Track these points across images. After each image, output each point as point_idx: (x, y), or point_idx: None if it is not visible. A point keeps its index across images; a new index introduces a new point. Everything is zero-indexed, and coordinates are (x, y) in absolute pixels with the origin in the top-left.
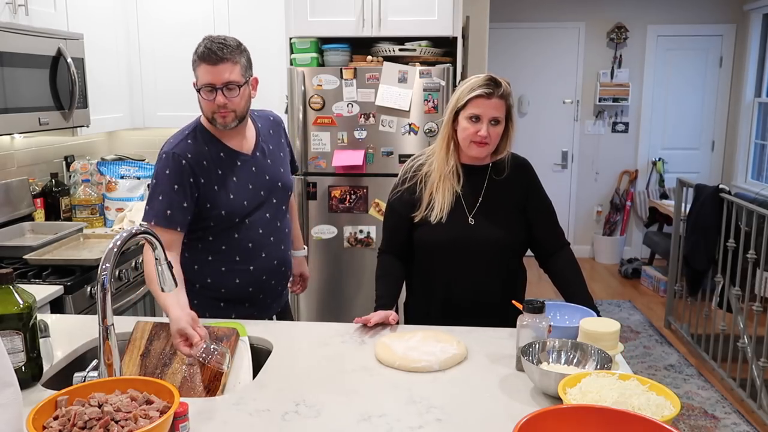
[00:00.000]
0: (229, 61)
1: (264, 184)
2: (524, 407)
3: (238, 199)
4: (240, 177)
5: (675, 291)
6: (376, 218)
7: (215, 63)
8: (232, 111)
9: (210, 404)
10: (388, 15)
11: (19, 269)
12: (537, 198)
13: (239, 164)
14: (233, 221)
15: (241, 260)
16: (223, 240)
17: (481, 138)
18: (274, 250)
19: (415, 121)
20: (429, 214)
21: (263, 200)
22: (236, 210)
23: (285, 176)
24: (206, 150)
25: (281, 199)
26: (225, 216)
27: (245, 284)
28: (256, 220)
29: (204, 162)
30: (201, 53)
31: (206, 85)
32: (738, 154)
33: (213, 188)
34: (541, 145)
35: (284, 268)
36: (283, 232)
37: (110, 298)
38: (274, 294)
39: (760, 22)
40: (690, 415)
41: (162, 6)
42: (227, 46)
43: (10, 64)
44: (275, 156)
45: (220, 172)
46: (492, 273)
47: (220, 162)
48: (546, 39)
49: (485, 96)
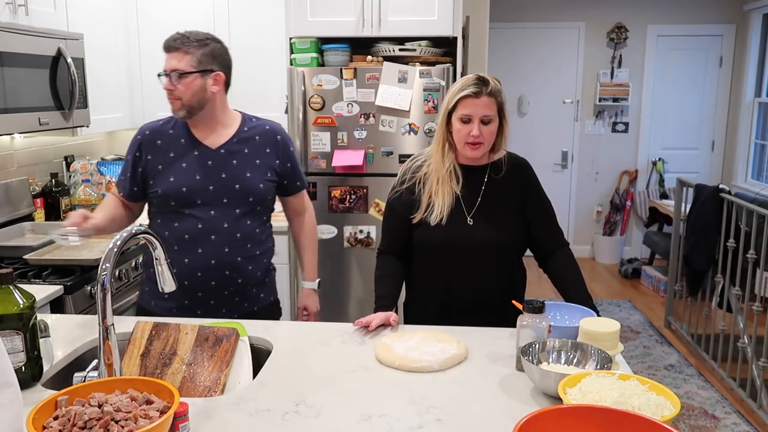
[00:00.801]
0: (181, 51)
1: (217, 180)
2: (524, 407)
3: (176, 183)
4: (190, 164)
5: (675, 291)
6: (376, 218)
7: (168, 51)
8: (178, 98)
9: (210, 404)
10: (388, 15)
11: (19, 269)
12: (536, 198)
13: (196, 153)
14: (169, 204)
15: (179, 250)
16: (166, 225)
17: (473, 138)
18: (213, 250)
19: (415, 121)
20: (428, 216)
21: (209, 196)
22: (172, 193)
23: (248, 181)
24: (169, 132)
25: (236, 203)
26: (161, 196)
27: (180, 276)
28: (197, 214)
29: (158, 141)
30: (164, 43)
31: (163, 71)
32: (738, 154)
33: (157, 167)
34: (541, 145)
35: (229, 272)
36: (231, 236)
37: (110, 298)
38: (218, 296)
39: (760, 22)
40: (690, 415)
41: (162, 6)
42: (186, 37)
43: (10, 64)
44: (246, 159)
45: (172, 154)
46: (491, 273)
47: (176, 145)
48: (546, 39)
49: (473, 95)
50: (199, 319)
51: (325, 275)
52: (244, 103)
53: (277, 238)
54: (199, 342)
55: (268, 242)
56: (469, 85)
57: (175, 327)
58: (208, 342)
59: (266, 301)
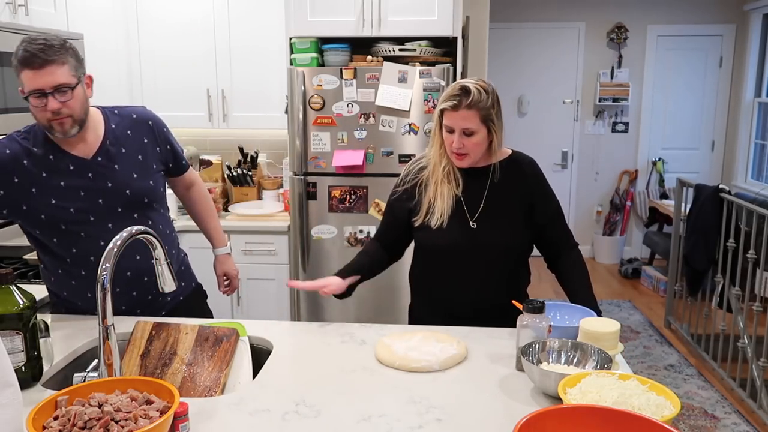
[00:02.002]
0: (55, 63)
1: (104, 191)
2: (524, 407)
3: (61, 205)
4: (69, 182)
5: (675, 291)
6: (376, 218)
7: (40, 66)
8: (69, 116)
9: (210, 404)
10: (388, 15)
11: (19, 269)
12: (544, 199)
13: (72, 168)
14: (60, 228)
15: (87, 274)
16: (64, 252)
17: (455, 149)
18: (125, 263)
19: (415, 121)
20: (429, 219)
21: (102, 209)
22: (60, 216)
23: (137, 183)
24: (33, 150)
25: (132, 208)
26: (46, 221)
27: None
28: (95, 232)
29: (24, 161)
30: (22, 57)
31: (34, 91)
32: (738, 154)
33: (30, 190)
34: (541, 145)
35: (147, 278)
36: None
37: (110, 298)
38: (143, 304)
39: (760, 22)
40: (690, 415)
41: (162, 6)
42: (50, 46)
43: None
44: (128, 160)
45: (44, 174)
46: (495, 277)
47: (47, 164)
48: (546, 39)
49: (451, 108)
50: (199, 319)
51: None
52: (244, 103)
53: (277, 238)
54: (199, 342)
55: (172, 232)
56: (449, 97)
57: (175, 327)
58: (208, 342)
59: (189, 288)
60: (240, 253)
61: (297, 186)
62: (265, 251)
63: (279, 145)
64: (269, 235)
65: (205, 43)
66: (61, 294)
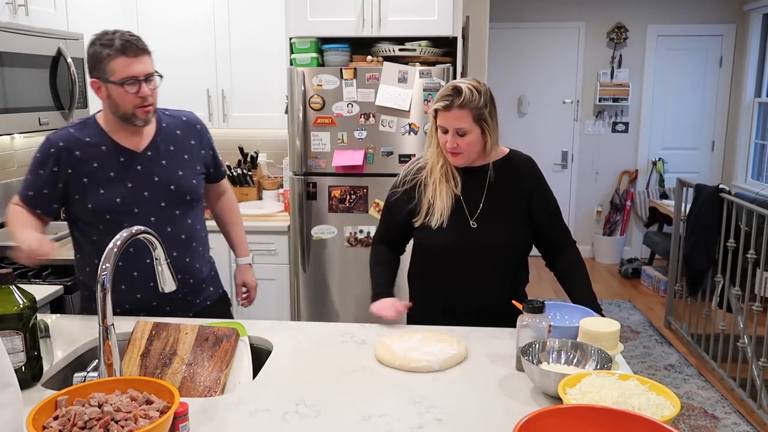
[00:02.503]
0: (147, 53)
1: (150, 185)
2: (524, 407)
3: (109, 195)
4: (119, 173)
5: (675, 291)
6: (376, 218)
7: (135, 55)
8: (151, 104)
9: (210, 404)
10: (388, 15)
11: (19, 269)
12: (541, 197)
13: (122, 160)
14: (104, 219)
15: (124, 265)
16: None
17: (449, 149)
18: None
19: (415, 121)
20: (429, 219)
21: (146, 202)
22: (106, 206)
23: (182, 180)
24: (86, 141)
25: (174, 204)
26: (94, 211)
27: (132, 291)
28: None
29: (77, 152)
30: (120, 46)
31: (129, 77)
32: (738, 154)
33: (81, 180)
34: (541, 145)
35: (181, 276)
36: (176, 239)
37: (110, 298)
38: (172, 302)
39: (760, 22)
40: (690, 415)
41: (162, 6)
42: (138, 38)
43: (10, 64)
44: (174, 158)
45: (95, 164)
46: (496, 276)
47: (99, 155)
48: (546, 39)
49: (443, 109)
50: (199, 319)
51: (326, 275)
52: (244, 103)
53: (277, 238)
54: (199, 342)
55: (207, 235)
56: (442, 98)
57: (175, 327)
58: (208, 342)
59: (216, 294)
60: None
61: (297, 186)
62: (265, 251)
63: (279, 145)
64: (269, 235)
65: (205, 43)
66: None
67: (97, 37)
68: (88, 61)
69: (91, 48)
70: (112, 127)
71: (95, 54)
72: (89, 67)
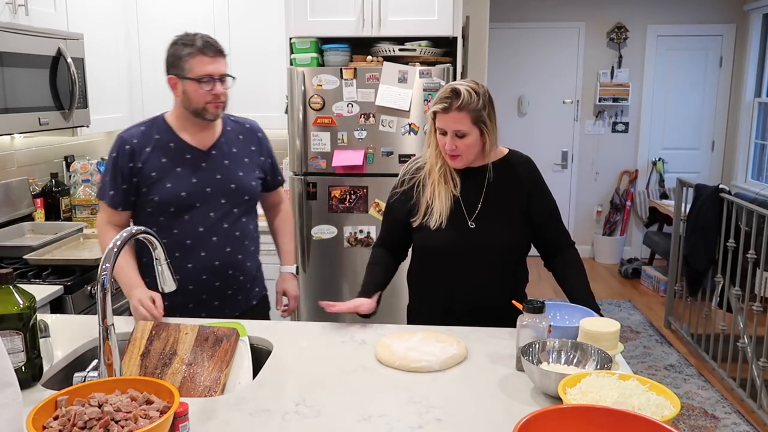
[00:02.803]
0: (224, 56)
1: (212, 181)
2: (524, 407)
3: (175, 189)
4: (185, 168)
5: (675, 291)
6: (376, 218)
7: (215, 55)
8: (223, 102)
9: (210, 404)
10: (388, 15)
11: (19, 269)
12: (540, 198)
13: (188, 157)
14: (169, 211)
15: (181, 256)
16: (165, 232)
17: (448, 151)
18: (216, 252)
19: (415, 121)
20: (428, 220)
21: (208, 198)
22: (172, 199)
23: (242, 180)
24: (156, 137)
25: (233, 202)
26: (160, 203)
27: (184, 281)
28: (197, 217)
29: (147, 148)
30: (202, 45)
31: (205, 75)
32: (738, 154)
33: (150, 174)
34: (541, 145)
35: (232, 272)
36: (231, 235)
37: (110, 298)
38: (221, 297)
39: (760, 22)
40: (690, 415)
41: (162, 6)
42: (218, 42)
43: (10, 64)
44: (236, 159)
45: (164, 160)
46: (495, 277)
47: (167, 150)
48: (546, 39)
49: (442, 111)
50: (199, 319)
51: (326, 275)
52: (244, 103)
53: None
54: (199, 342)
55: (258, 237)
56: (440, 100)
57: (175, 327)
58: (208, 342)
59: (260, 294)
60: None
61: (297, 186)
62: (265, 251)
63: (279, 145)
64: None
65: None
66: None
67: (179, 38)
68: (168, 58)
69: (173, 47)
70: (180, 125)
71: (176, 52)
72: (168, 64)
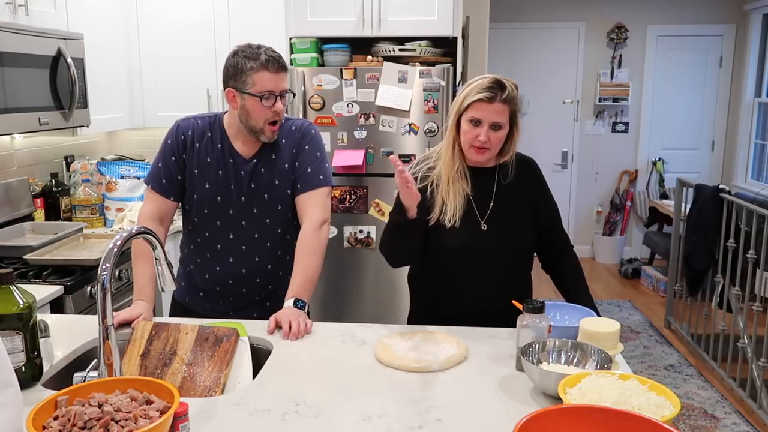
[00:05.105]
0: (286, 71)
1: (247, 190)
2: (524, 407)
3: (212, 192)
4: (225, 174)
5: (675, 291)
6: (376, 218)
7: (278, 71)
8: (279, 123)
9: (210, 404)
10: (388, 15)
11: (19, 269)
12: (545, 200)
13: (231, 162)
14: (202, 212)
15: (211, 258)
16: (199, 234)
17: (480, 143)
18: (243, 260)
19: (415, 121)
20: (443, 218)
21: (241, 206)
22: (207, 201)
23: (276, 189)
24: (208, 135)
25: (265, 213)
26: (196, 201)
27: (212, 282)
28: (228, 224)
29: (197, 144)
30: (265, 60)
31: (267, 91)
32: (738, 154)
33: (194, 171)
34: (541, 145)
35: (259, 280)
36: (262, 245)
37: (110, 298)
38: (248, 300)
39: (760, 22)
40: (690, 415)
41: (162, 6)
42: (282, 57)
43: (10, 64)
44: (275, 167)
45: (209, 159)
46: (503, 278)
47: (213, 152)
48: (546, 39)
49: (487, 100)
50: (199, 320)
51: (326, 275)
52: None
53: None
54: (199, 342)
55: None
56: (484, 89)
57: (175, 327)
58: (208, 342)
59: None
60: None
61: None
62: None
63: None
64: None
65: (205, 43)
66: (190, 265)
67: (241, 49)
68: (228, 70)
69: (234, 58)
70: (233, 131)
71: (238, 64)
72: (227, 75)
